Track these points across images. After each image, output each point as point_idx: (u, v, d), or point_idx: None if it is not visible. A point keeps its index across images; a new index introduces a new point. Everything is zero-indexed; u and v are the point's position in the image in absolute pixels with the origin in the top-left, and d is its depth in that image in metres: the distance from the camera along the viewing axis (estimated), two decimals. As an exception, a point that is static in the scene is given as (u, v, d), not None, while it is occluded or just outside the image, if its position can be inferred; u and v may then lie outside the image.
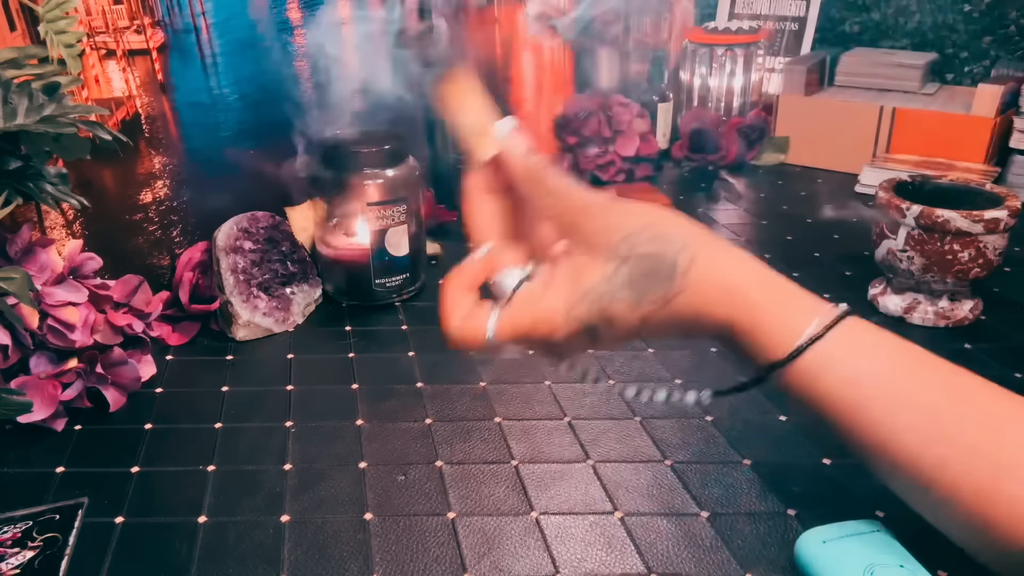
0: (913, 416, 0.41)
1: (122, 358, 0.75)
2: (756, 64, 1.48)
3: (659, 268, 0.41)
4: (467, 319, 0.44)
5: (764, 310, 0.42)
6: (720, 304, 0.41)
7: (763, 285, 0.42)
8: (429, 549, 0.57)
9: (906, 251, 0.84)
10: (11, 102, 0.64)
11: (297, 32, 1.02)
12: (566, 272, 0.43)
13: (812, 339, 0.41)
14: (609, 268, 0.42)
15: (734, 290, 0.42)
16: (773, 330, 0.41)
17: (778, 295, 0.42)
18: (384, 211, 0.90)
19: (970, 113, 1.27)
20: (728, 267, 0.42)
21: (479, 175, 0.48)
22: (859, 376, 0.42)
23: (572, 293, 0.42)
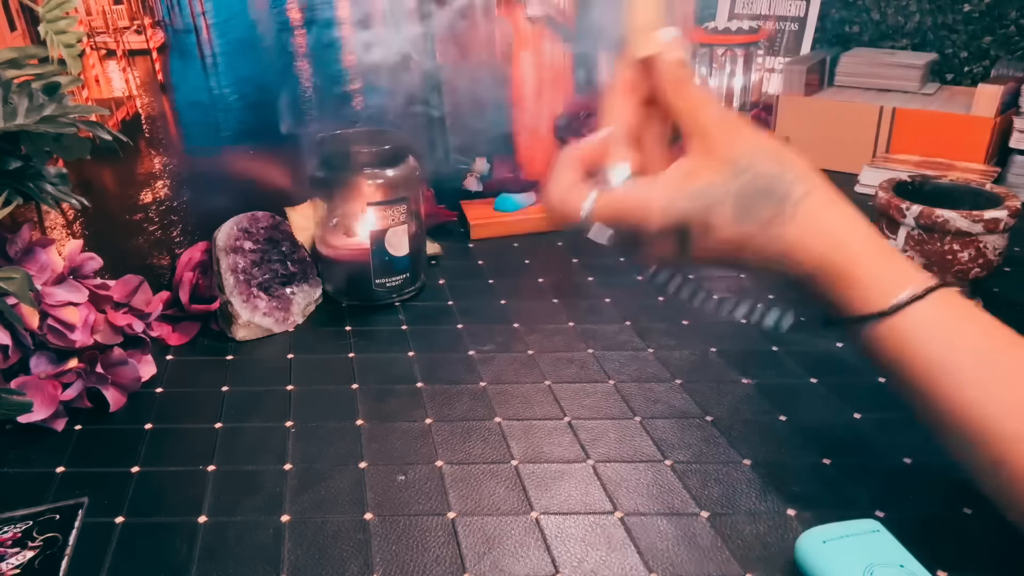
0: (999, 387, 0.42)
1: (122, 358, 0.75)
2: (756, 64, 1.48)
3: (774, 189, 0.42)
4: (567, 192, 0.45)
5: (864, 263, 0.42)
6: (819, 245, 0.42)
7: (867, 239, 0.43)
8: (429, 549, 0.57)
9: (906, 251, 0.84)
10: (11, 102, 0.64)
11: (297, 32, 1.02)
12: (678, 170, 0.44)
13: (913, 298, 0.42)
14: (724, 175, 0.42)
15: (837, 235, 0.42)
16: (871, 283, 0.42)
17: (879, 252, 0.43)
18: (384, 211, 0.90)
19: (970, 113, 1.27)
20: (837, 212, 0.43)
21: (629, 70, 0.47)
22: (952, 341, 0.43)
23: (679, 188, 0.43)
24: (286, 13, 1.01)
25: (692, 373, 0.79)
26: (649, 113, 0.47)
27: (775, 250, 0.43)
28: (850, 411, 0.73)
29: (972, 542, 0.57)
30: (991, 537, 0.57)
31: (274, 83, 1.01)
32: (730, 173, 0.42)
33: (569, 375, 0.79)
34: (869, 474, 0.64)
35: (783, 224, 0.42)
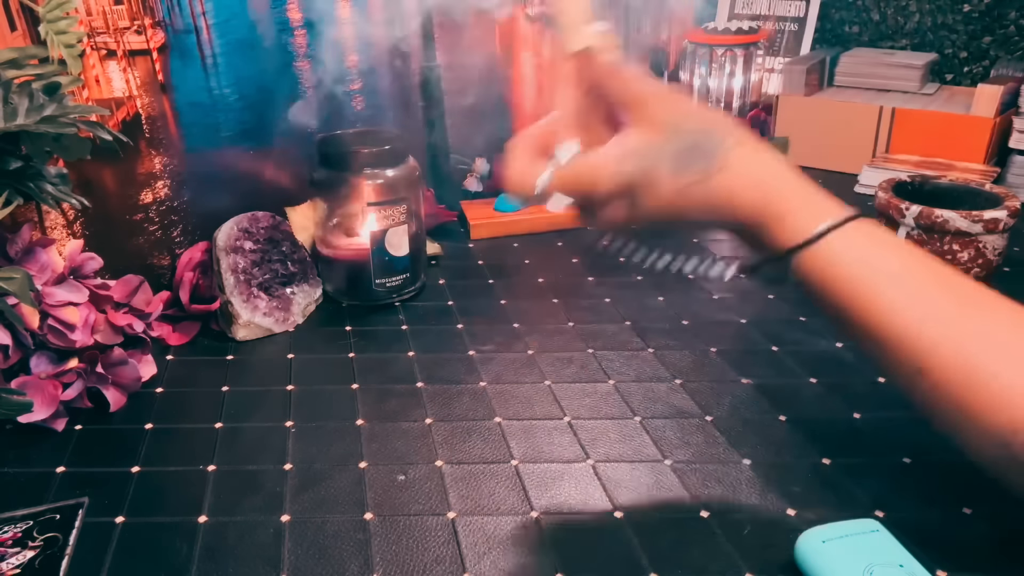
0: (915, 300, 0.46)
1: (122, 358, 0.75)
2: (756, 64, 1.48)
3: (705, 145, 0.46)
4: (523, 170, 0.50)
5: (789, 200, 0.47)
6: (752, 190, 0.46)
7: (792, 181, 0.48)
8: (429, 549, 0.57)
9: (906, 251, 0.84)
10: (11, 102, 0.64)
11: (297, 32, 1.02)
12: (619, 138, 0.48)
13: (830, 228, 0.46)
14: (659, 138, 0.47)
15: (767, 180, 0.47)
16: (795, 218, 0.47)
17: (803, 190, 0.47)
18: (384, 211, 0.90)
19: (970, 113, 1.27)
20: (765, 160, 0.47)
21: (566, 63, 0.52)
22: (870, 263, 0.47)
23: (623, 153, 0.47)
24: (286, 13, 1.01)
25: (692, 373, 0.79)
26: (591, 100, 0.51)
27: (712, 201, 0.47)
28: (850, 411, 0.73)
29: (972, 542, 0.57)
30: (991, 537, 0.57)
31: (274, 83, 1.01)
32: (666, 135, 0.47)
33: (569, 375, 0.80)
34: (869, 474, 0.64)
35: (716, 175, 0.46)
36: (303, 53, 1.03)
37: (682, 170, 0.46)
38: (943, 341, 0.45)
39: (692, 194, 0.47)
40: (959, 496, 0.61)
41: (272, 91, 1.01)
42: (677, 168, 0.46)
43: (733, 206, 0.47)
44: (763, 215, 0.47)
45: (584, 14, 0.50)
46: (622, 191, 0.48)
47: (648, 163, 0.47)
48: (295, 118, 1.03)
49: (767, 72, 1.54)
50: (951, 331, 0.45)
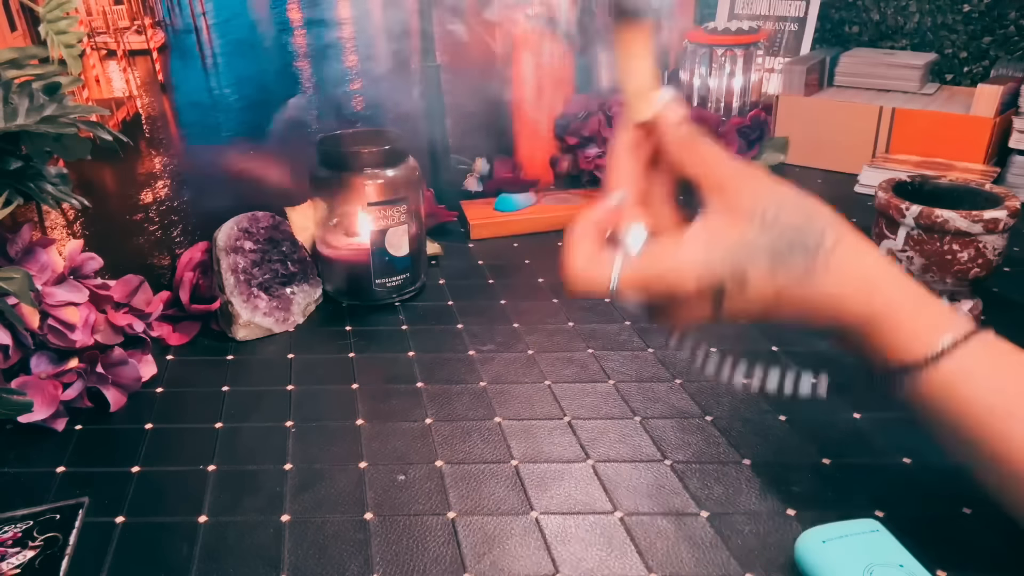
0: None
1: (122, 358, 0.75)
2: (756, 64, 1.48)
3: (804, 241, 0.41)
4: (591, 264, 0.45)
5: (901, 307, 0.42)
6: (857, 293, 0.42)
7: (901, 285, 0.43)
8: (429, 549, 0.57)
9: (905, 251, 0.84)
10: (11, 102, 0.64)
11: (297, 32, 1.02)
12: (703, 230, 0.43)
13: (955, 343, 0.41)
14: (752, 231, 0.42)
15: (873, 283, 0.42)
16: (911, 330, 0.42)
17: (914, 296, 0.43)
18: (384, 211, 0.90)
19: (970, 113, 1.27)
20: (869, 259, 0.42)
21: (630, 133, 0.48)
22: (1000, 385, 0.42)
23: (709, 249, 0.42)
24: (286, 13, 1.01)
25: (692, 373, 0.79)
26: (653, 173, 0.47)
27: (811, 305, 0.42)
28: (850, 411, 0.73)
29: (972, 542, 0.57)
30: (991, 537, 0.57)
31: (274, 83, 1.01)
32: (758, 227, 0.41)
33: (569, 375, 0.80)
34: (869, 474, 0.64)
35: (817, 276, 0.41)
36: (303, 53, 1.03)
37: (779, 270, 0.41)
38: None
39: (788, 296, 0.42)
40: (959, 496, 0.60)
41: (272, 91, 1.02)
42: (772, 268, 0.41)
43: (836, 311, 0.42)
44: (871, 323, 0.42)
45: (650, 80, 0.46)
46: (709, 291, 0.42)
47: (741, 261, 0.41)
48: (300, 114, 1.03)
49: (767, 72, 1.54)
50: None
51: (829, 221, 0.42)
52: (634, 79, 0.46)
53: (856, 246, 0.42)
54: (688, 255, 0.42)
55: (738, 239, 0.42)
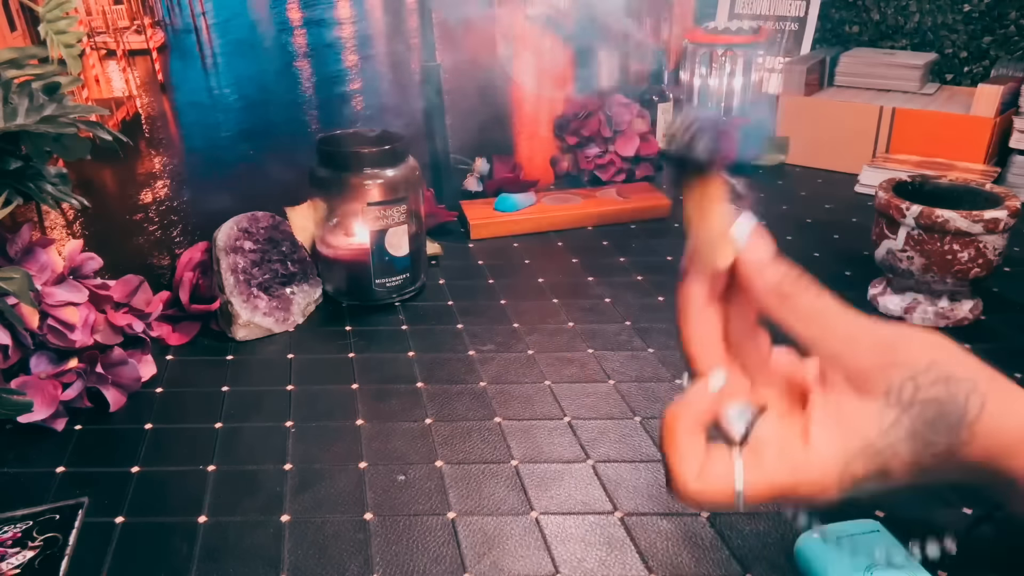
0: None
1: (122, 358, 0.75)
2: (756, 64, 1.48)
3: (947, 416, 0.35)
4: (706, 471, 0.36)
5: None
6: (1006, 455, 0.36)
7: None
8: (429, 549, 0.57)
9: (906, 251, 0.84)
10: (11, 102, 0.64)
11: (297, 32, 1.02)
12: (830, 418, 0.36)
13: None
14: (888, 416, 0.35)
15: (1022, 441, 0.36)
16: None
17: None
18: (384, 211, 0.90)
19: (970, 113, 1.27)
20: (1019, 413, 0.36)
21: (704, 283, 0.38)
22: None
23: (845, 447, 0.35)
24: (286, 13, 1.01)
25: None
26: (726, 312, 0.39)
27: (966, 470, 0.37)
28: (850, 411, 0.72)
29: (972, 542, 0.57)
30: (991, 537, 0.57)
31: (274, 83, 1.01)
32: (892, 413, 0.35)
33: (569, 375, 0.79)
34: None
35: (962, 448, 0.36)
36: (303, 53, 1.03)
37: (922, 453, 0.35)
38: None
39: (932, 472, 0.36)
40: (959, 496, 0.60)
41: (272, 91, 1.02)
42: (916, 451, 0.35)
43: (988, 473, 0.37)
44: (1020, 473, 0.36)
45: (726, 218, 0.38)
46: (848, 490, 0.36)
47: (881, 457, 0.35)
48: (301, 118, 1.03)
49: (767, 72, 1.54)
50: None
51: (971, 383, 0.36)
52: (710, 226, 0.37)
53: (1003, 399, 0.36)
54: (821, 459, 0.35)
55: (876, 429, 0.35)
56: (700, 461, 0.37)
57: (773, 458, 0.36)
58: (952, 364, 0.36)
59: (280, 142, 1.03)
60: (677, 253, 0.38)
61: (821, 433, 0.36)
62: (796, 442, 0.36)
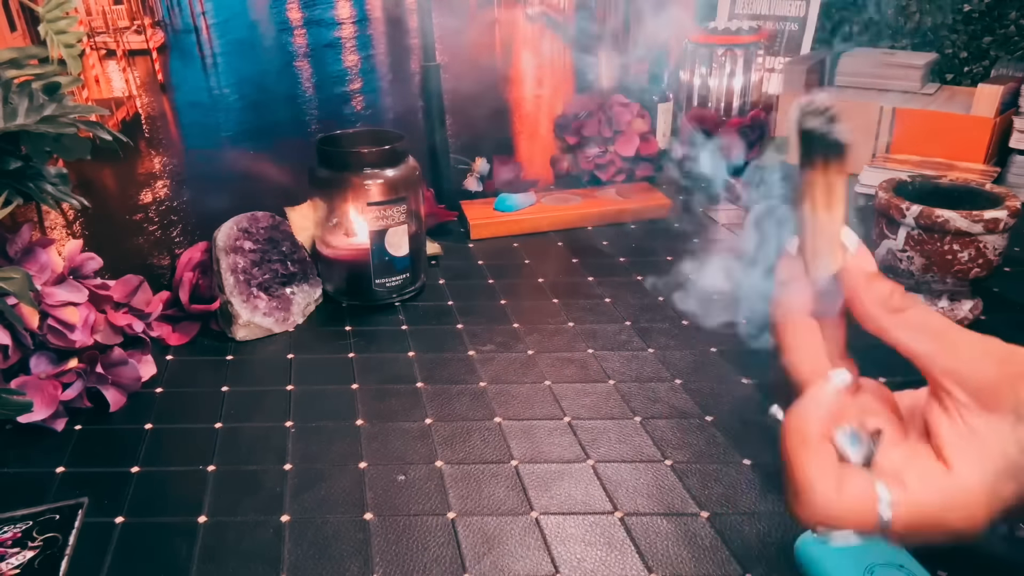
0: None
1: (122, 358, 0.75)
2: (756, 64, 1.48)
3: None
4: (844, 488, 0.32)
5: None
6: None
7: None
8: (429, 549, 0.57)
9: (906, 251, 0.84)
10: (11, 102, 0.64)
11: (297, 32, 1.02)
12: (964, 439, 0.33)
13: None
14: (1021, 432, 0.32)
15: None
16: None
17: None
18: (384, 211, 0.90)
19: (970, 113, 1.27)
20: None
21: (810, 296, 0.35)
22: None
23: (989, 468, 0.32)
24: (286, 13, 1.01)
25: (692, 373, 0.79)
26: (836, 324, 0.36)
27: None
28: (850, 411, 0.72)
29: (972, 542, 0.57)
30: (991, 538, 0.57)
31: (274, 83, 1.01)
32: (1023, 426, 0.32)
33: (569, 375, 0.79)
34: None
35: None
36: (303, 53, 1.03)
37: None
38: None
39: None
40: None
41: (272, 91, 1.02)
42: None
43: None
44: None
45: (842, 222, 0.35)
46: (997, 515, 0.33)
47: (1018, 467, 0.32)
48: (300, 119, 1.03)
49: (767, 72, 1.54)
50: None
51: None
52: (826, 231, 0.35)
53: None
54: (968, 480, 0.32)
55: (1014, 445, 0.32)
56: (837, 475, 0.32)
57: (916, 484, 0.32)
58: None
59: (280, 142, 1.03)
60: (677, 253, 0.38)
61: (959, 456, 0.32)
62: (935, 467, 0.32)
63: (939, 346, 0.33)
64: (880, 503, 0.31)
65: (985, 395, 0.32)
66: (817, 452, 0.33)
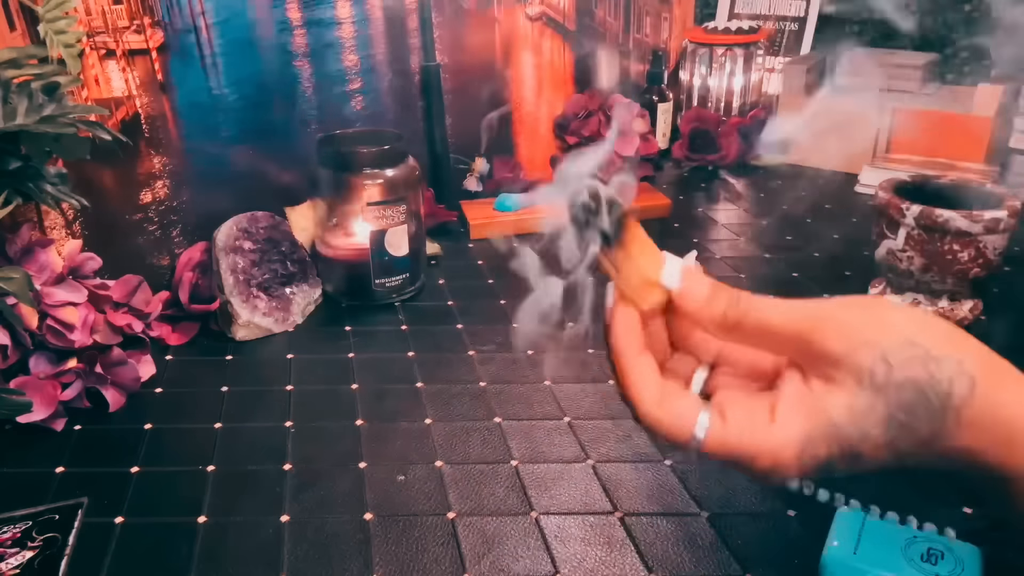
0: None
1: (122, 358, 0.75)
2: (756, 64, 1.48)
3: (926, 399, 0.32)
4: (668, 402, 0.35)
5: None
6: (999, 447, 0.33)
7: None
8: (429, 549, 0.57)
9: (906, 251, 0.84)
10: (11, 102, 0.64)
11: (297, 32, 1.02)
12: (799, 398, 0.34)
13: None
14: (860, 400, 0.33)
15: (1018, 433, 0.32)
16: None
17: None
18: (384, 211, 0.90)
19: (970, 113, 1.27)
20: (1013, 393, 0.33)
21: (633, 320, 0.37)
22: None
23: (811, 428, 0.34)
24: (286, 13, 1.01)
25: (692, 373, 0.79)
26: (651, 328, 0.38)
27: (944, 459, 0.34)
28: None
29: (972, 542, 0.57)
30: (990, 537, 0.57)
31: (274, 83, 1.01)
32: (864, 396, 0.32)
33: (569, 375, 0.79)
34: (869, 474, 0.64)
35: (949, 433, 0.33)
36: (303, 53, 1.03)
37: (899, 437, 0.33)
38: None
39: (915, 457, 0.34)
40: (958, 496, 0.60)
41: (272, 91, 1.01)
42: (890, 438, 0.33)
43: (967, 464, 0.34)
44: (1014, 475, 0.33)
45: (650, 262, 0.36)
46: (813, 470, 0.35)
47: (849, 440, 0.33)
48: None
49: (767, 72, 1.54)
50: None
51: (956, 363, 0.32)
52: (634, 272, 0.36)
53: (995, 387, 0.33)
54: (785, 433, 0.34)
55: (845, 413, 0.33)
56: (661, 389, 0.36)
57: (738, 418, 0.35)
58: (935, 341, 0.33)
59: (280, 142, 1.03)
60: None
61: (786, 411, 0.34)
62: (761, 416, 0.35)
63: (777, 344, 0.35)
64: (697, 425, 0.34)
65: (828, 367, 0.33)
66: (633, 365, 0.36)
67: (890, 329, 0.33)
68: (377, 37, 1.11)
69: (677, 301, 0.36)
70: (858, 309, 0.34)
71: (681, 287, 0.36)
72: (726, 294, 0.36)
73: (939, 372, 0.32)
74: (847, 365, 0.33)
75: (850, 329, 0.33)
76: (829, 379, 0.34)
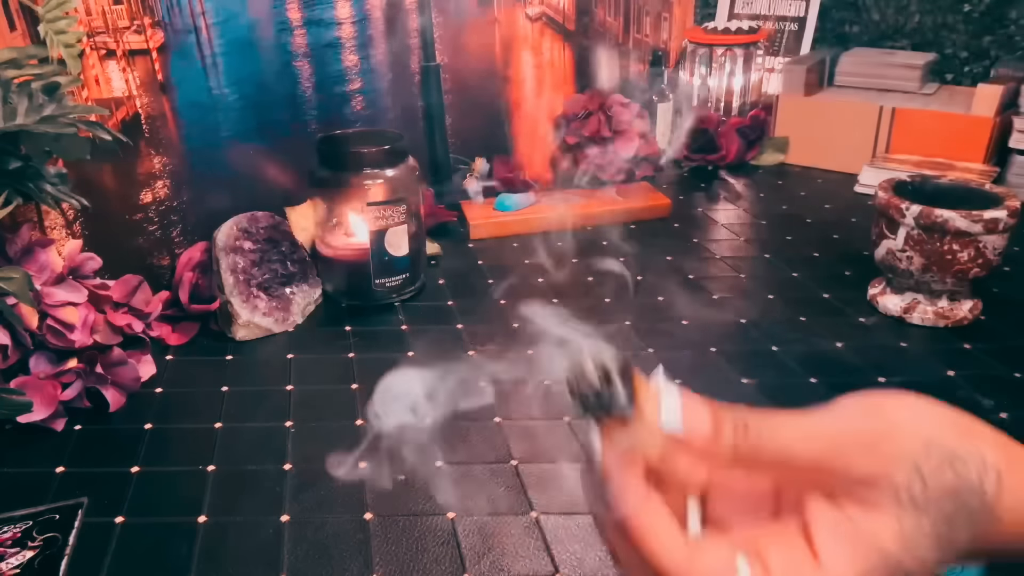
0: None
1: (122, 358, 0.75)
2: (756, 64, 1.48)
3: (966, 503, 0.31)
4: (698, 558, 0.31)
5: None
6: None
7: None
8: (429, 549, 0.57)
9: (906, 251, 0.84)
10: (11, 102, 0.64)
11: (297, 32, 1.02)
12: (836, 528, 0.31)
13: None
14: (906, 522, 0.31)
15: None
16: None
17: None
18: (384, 211, 0.90)
19: (970, 113, 1.27)
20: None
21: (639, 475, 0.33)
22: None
23: (863, 563, 0.31)
24: (286, 13, 1.01)
25: (692, 373, 0.79)
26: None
27: (993, 548, 0.33)
28: (850, 411, 0.72)
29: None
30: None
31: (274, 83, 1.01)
32: (908, 518, 0.30)
33: (569, 375, 0.79)
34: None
35: (986, 533, 0.31)
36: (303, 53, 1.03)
37: (945, 548, 0.31)
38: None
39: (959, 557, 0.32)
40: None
41: (272, 91, 1.01)
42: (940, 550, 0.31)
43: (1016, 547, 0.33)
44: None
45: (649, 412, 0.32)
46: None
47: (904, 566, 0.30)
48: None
49: (767, 72, 1.54)
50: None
51: (979, 458, 0.31)
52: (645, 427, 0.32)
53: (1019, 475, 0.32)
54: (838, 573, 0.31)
55: (894, 540, 0.30)
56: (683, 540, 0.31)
57: (781, 566, 0.31)
58: (950, 435, 0.31)
59: (280, 142, 1.03)
60: (677, 253, 0.38)
61: (830, 547, 0.31)
62: (803, 556, 0.31)
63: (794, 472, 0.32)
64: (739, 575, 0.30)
65: (862, 490, 0.31)
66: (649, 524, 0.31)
67: (906, 434, 0.31)
68: (377, 37, 1.11)
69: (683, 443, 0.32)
70: (866, 418, 0.32)
71: (684, 427, 0.32)
72: (729, 423, 0.33)
73: (967, 472, 0.31)
74: (881, 486, 0.30)
75: (872, 445, 0.31)
76: (863, 501, 0.31)
